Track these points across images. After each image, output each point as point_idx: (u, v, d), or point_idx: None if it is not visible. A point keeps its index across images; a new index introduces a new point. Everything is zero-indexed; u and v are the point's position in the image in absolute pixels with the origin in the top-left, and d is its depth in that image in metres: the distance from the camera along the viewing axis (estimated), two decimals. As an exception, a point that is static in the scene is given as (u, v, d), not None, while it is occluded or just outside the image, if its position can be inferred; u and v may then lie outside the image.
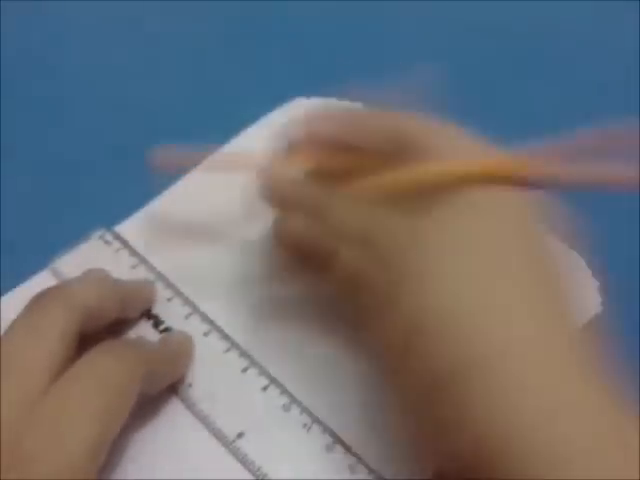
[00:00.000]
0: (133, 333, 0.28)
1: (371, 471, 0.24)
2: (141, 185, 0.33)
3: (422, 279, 0.21)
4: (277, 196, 0.26)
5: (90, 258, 0.30)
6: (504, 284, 0.21)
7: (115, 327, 0.27)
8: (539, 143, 0.23)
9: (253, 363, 0.27)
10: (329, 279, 0.25)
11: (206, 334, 0.28)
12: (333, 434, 0.25)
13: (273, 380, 0.27)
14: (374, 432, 0.25)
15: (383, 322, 0.22)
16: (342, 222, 0.24)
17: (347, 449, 0.25)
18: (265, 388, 0.27)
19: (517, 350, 0.19)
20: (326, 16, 0.43)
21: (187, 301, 0.29)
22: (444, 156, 0.23)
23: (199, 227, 0.31)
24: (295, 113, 0.36)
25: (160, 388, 0.26)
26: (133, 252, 0.31)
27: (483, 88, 0.40)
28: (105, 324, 0.25)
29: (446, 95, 0.25)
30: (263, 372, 0.27)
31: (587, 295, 0.29)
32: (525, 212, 0.23)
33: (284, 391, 0.26)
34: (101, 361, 0.23)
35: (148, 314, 0.28)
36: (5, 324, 0.23)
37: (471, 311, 0.20)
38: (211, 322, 0.28)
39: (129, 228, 0.32)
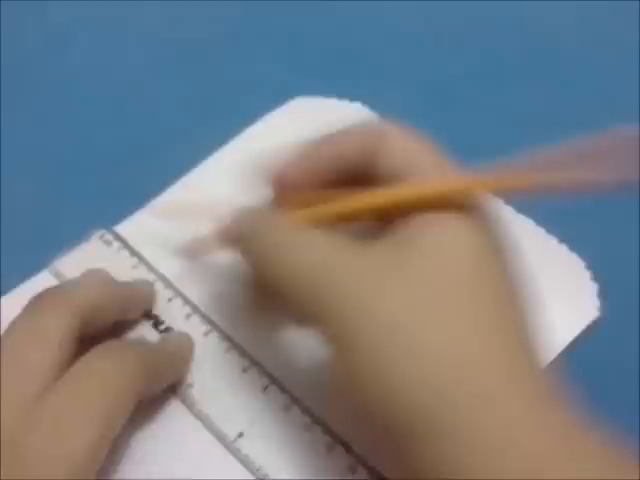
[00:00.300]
0: (133, 333, 0.28)
1: (371, 471, 0.24)
2: (141, 185, 0.33)
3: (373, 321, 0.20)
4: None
5: (90, 258, 0.30)
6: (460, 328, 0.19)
7: (115, 327, 0.27)
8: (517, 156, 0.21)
9: (253, 363, 0.27)
10: None
11: (206, 334, 0.28)
12: (333, 434, 0.25)
13: (273, 380, 0.27)
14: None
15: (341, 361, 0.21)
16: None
17: (347, 449, 0.25)
18: (265, 388, 0.27)
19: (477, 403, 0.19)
20: (326, 16, 0.43)
21: (187, 301, 0.29)
22: (410, 177, 0.22)
23: (199, 227, 0.31)
24: (295, 113, 0.36)
25: (160, 388, 0.26)
26: (133, 252, 0.31)
27: (483, 89, 0.40)
28: (105, 324, 0.25)
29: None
30: (263, 372, 0.27)
31: (586, 299, 0.29)
32: (480, 243, 0.21)
33: (284, 391, 0.26)
34: (101, 362, 0.23)
35: (148, 314, 0.28)
36: (5, 324, 0.23)
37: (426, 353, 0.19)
38: (211, 322, 0.28)
39: (129, 228, 0.32)
